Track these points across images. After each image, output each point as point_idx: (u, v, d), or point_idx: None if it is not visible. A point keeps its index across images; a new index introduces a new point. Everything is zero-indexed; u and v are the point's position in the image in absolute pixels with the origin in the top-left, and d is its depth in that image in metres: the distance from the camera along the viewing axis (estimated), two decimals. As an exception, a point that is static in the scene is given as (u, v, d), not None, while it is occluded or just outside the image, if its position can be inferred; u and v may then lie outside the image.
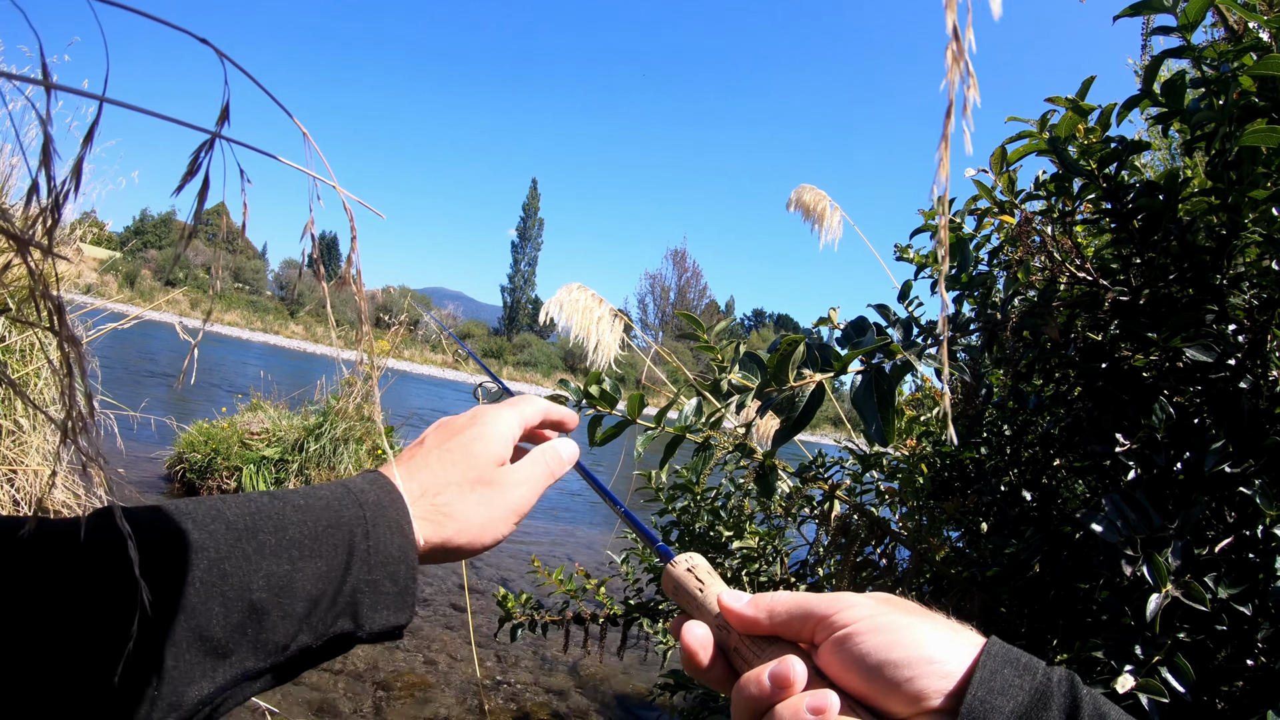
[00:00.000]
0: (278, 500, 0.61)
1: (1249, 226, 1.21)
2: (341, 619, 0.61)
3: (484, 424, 0.77)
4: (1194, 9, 1.15)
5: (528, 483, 0.76)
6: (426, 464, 0.73)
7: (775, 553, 2.59)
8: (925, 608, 0.55)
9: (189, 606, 0.52)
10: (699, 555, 0.68)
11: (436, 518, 0.69)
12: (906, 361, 1.12)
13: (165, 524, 0.54)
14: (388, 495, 0.67)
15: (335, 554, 0.61)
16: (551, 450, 0.81)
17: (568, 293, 3.83)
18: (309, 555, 0.59)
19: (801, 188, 4.15)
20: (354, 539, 0.62)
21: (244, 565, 0.55)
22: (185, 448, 7.22)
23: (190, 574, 0.52)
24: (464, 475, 0.72)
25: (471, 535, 0.71)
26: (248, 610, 0.54)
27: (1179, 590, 0.97)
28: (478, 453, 0.74)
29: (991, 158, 1.44)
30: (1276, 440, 1.11)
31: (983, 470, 1.95)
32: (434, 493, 0.70)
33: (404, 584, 0.64)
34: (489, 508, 0.72)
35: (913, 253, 1.91)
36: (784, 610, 0.57)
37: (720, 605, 0.61)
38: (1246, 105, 1.15)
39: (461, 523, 0.70)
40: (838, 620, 0.53)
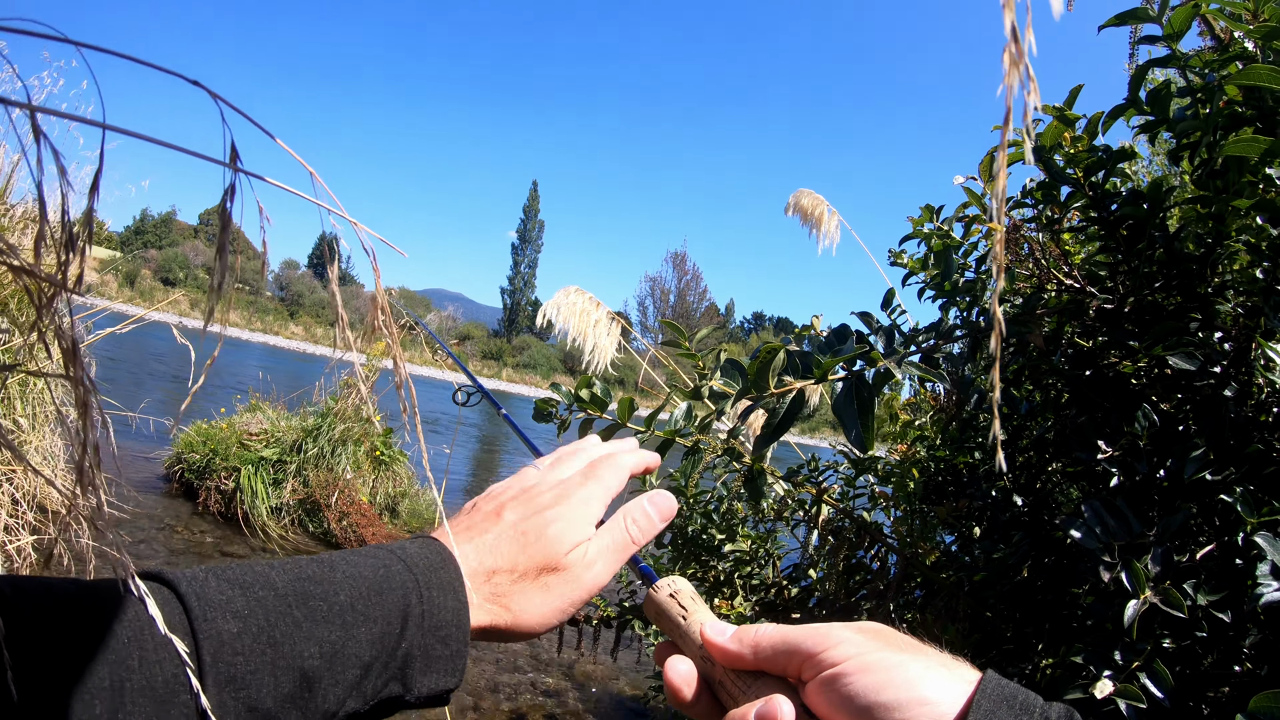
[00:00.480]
0: (325, 565, 0.59)
1: (1233, 235, 1.22)
2: (392, 683, 0.58)
3: (570, 504, 0.70)
4: (1179, 18, 1.17)
5: (602, 558, 0.70)
6: (499, 543, 0.67)
7: (768, 556, 2.59)
8: (916, 640, 0.53)
9: (238, 678, 0.50)
10: (682, 579, 0.66)
11: (494, 604, 0.65)
12: (887, 370, 1.13)
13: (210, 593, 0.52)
14: (439, 558, 0.64)
15: (390, 618, 0.58)
16: (640, 512, 0.73)
17: (565, 295, 3.84)
18: (363, 620, 0.57)
19: (800, 192, 4.16)
20: (408, 602, 0.60)
21: (295, 633, 0.53)
22: (184, 448, 7.23)
23: (239, 643, 0.50)
24: (534, 562, 0.67)
25: (527, 626, 0.66)
26: (299, 679, 0.53)
27: (1157, 597, 0.97)
28: (553, 537, 0.68)
29: (980, 165, 1.45)
30: (1259, 448, 1.12)
31: (976, 475, 1.96)
32: (499, 577, 0.66)
33: (456, 647, 0.61)
34: (553, 597, 0.67)
35: (906, 258, 1.92)
36: (769, 645, 0.55)
37: (703, 639, 0.60)
38: (1231, 114, 1.16)
39: (519, 614, 0.66)
40: (825, 658, 0.51)
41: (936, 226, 1.64)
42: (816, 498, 2.17)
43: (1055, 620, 1.40)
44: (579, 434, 1.58)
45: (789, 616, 2.35)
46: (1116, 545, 1.05)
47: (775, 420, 1.11)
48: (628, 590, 3.04)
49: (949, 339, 1.31)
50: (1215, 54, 1.20)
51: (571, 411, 1.60)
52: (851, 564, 2.22)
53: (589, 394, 1.57)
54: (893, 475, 2.26)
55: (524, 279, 71.45)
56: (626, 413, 1.56)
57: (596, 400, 1.57)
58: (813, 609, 2.31)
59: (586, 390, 1.57)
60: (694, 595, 0.65)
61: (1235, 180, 1.16)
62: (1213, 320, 1.26)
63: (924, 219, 1.66)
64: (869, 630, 0.53)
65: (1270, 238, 1.18)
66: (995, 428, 0.44)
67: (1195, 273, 1.26)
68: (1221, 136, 1.16)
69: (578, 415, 1.60)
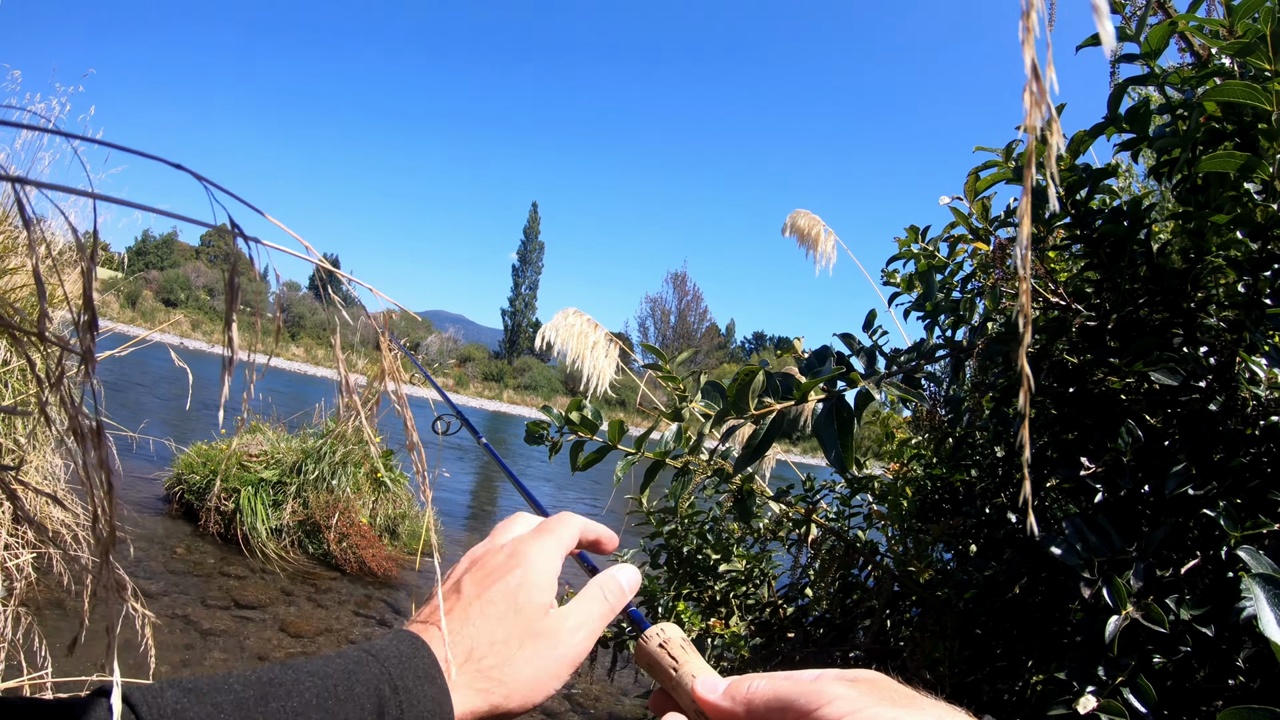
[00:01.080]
0: (289, 668, 0.57)
1: (1214, 250, 1.23)
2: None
3: (526, 564, 0.69)
4: (1156, 37, 1.18)
5: (584, 626, 0.68)
6: (468, 619, 0.65)
7: (762, 575, 2.59)
8: (914, 690, 0.51)
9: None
10: (672, 626, 0.65)
11: (485, 684, 0.63)
12: (866, 391, 1.14)
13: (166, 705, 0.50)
14: (410, 647, 0.61)
15: (363, 713, 0.56)
16: (611, 582, 0.72)
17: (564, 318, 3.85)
18: (330, 718, 0.55)
19: (796, 213, 4.19)
20: (382, 695, 0.57)
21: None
22: (184, 469, 7.22)
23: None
24: (511, 631, 0.65)
25: (523, 697, 0.64)
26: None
27: (1139, 612, 0.98)
28: (524, 602, 0.66)
29: (965, 185, 1.47)
30: (1241, 462, 1.13)
31: (971, 492, 1.96)
32: (480, 655, 0.63)
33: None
34: (542, 663, 0.65)
35: (898, 276, 1.93)
36: (761, 702, 0.54)
37: (694, 695, 0.59)
38: (1210, 130, 1.17)
39: (512, 686, 0.64)
40: (821, 716, 0.49)
41: (922, 247, 1.65)
42: (805, 517, 2.18)
43: (1045, 637, 1.40)
44: (570, 455, 1.59)
45: (784, 635, 2.35)
46: (1097, 561, 1.06)
47: (755, 441, 1.12)
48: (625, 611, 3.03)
49: (931, 359, 1.32)
50: (1193, 70, 1.22)
51: (563, 433, 1.61)
52: (848, 582, 2.22)
53: (579, 416, 1.58)
54: (889, 494, 2.26)
55: (525, 300, 71.49)
56: (617, 435, 1.57)
57: (587, 423, 1.58)
58: (809, 628, 2.30)
59: (577, 413, 1.58)
60: (684, 643, 0.64)
61: (1216, 195, 1.18)
62: (1196, 335, 1.27)
63: (910, 240, 1.67)
64: (864, 682, 0.51)
65: (1250, 252, 1.19)
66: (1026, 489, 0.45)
67: (1178, 288, 1.27)
68: (1201, 152, 1.17)
69: (569, 437, 1.61)
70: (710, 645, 2.56)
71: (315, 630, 5.04)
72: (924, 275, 1.59)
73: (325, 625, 5.18)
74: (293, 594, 5.71)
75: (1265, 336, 1.16)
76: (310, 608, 5.45)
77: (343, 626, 5.22)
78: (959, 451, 1.92)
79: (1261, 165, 1.07)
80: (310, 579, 6.20)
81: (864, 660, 1.96)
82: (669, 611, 2.76)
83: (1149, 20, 1.24)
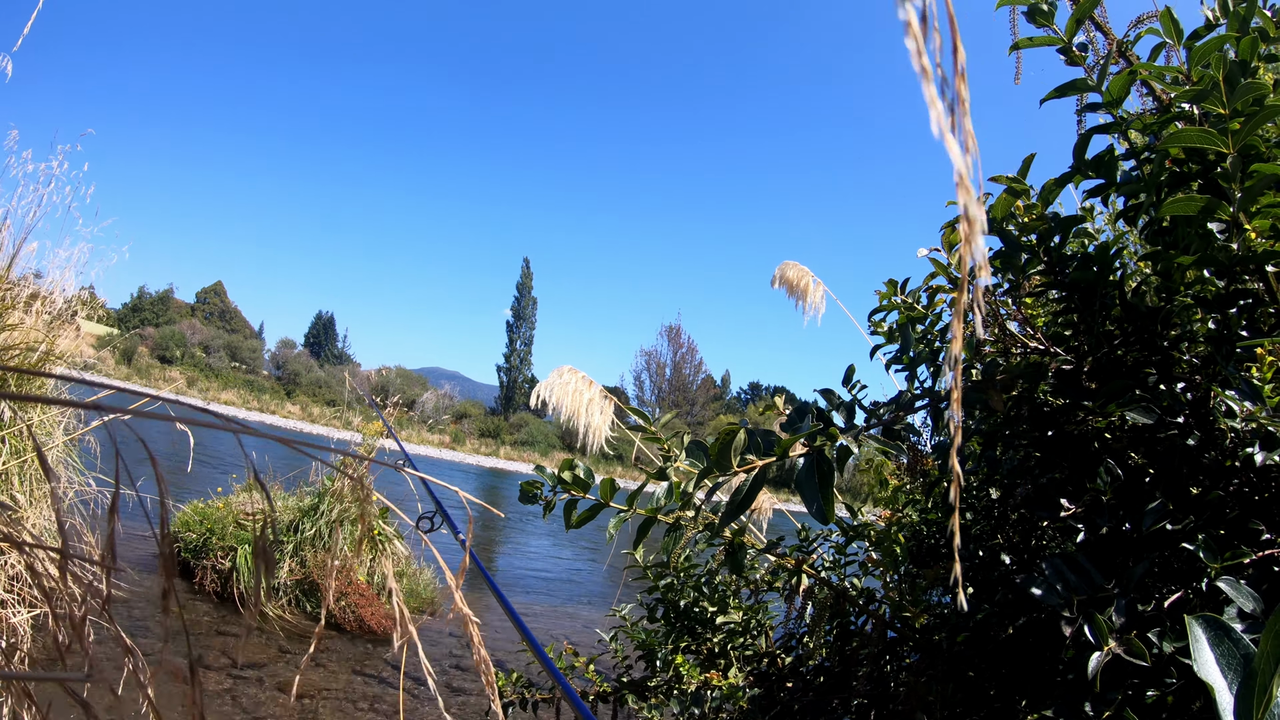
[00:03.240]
0: None
1: (1182, 290, 1.28)
2: None
3: None
4: (1117, 86, 1.24)
5: None
6: None
7: (759, 627, 2.60)
8: None
9: None
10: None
11: None
12: (845, 446, 1.18)
13: None
14: None
15: None
16: None
17: (559, 376, 3.90)
18: None
19: (785, 265, 4.25)
20: None
21: None
22: (180, 527, 7.19)
23: None
24: None
25: None
26: None
27: (1121, 647, 1.00)
28: None
29: (942, 237, 1.52)
30: (1219, 495, 1.16)
31: (967, 536, 1.98)
32: None
33: None
34: None
35: (884, 326, 1.97)
36: None
37: None
38: (1173, 173, 1.22)
39: None
40: None
41: (902, 299, 1.70)
42: (796, 568, 2.20)
43: (1038, 677, 1.41)
44: (564, 513, 1.62)
45: (783, 685, 2.35)
46: (1076, 599, 1.08)
47: (739, 497, 1.15)
48: (623, 665, 3.03)
49: (910, 410, 1.35)
50: (1155, 116, 1.28)
51: (556, 493, 1.64)
52: (845, 630, 2.23)
53: (571, 476, 1.61)
54: (883, 541, 2.28)
55: (520, 356, 71.59)
56: (609, 493, 1.60)
57: (579, 481, 1.62)
58: (807, 677, 2.31)
59: (569, 472, 1.62)
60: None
61: (1183, 235, 1.22)
62: (1171, 373, 1.31)
63: (889, 292, 1.72)
64: None
65: (1218, 290, 1.24)
66: (956, 569, 0.48)
67: (1151, 327, 1.31)
68: (1166, 195, 1.22)
69: (562, 496, 1.64)
70: (709, 698, 2.56)
71: (315, 690, 4.99)
72: (903, 328, 1.64)
73: (325, 684, 5.13)
74: (291, 653, 5.65)
75: (1237, 371, 1.20)
76: (308, 667, 5.40)
77: (342, 686, 5.17)
78: (947, 497, 1.94)
79: (1222, 206, 1.12)
80: (308, 638, 6.14)
81: (863, 707, 1.96)
82: (667, 664, 2.76)
83: (1110, 69, 1.30)
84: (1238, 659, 0.64)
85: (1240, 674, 0.63)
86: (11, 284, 4.93)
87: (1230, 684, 0.63)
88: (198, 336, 62.47)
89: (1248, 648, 0.64)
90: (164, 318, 65.84)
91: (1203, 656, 0.65)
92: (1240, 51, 1.13)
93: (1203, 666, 0.64)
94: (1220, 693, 0.63)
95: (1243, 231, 1.14)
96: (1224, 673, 0.63)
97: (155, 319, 64.51)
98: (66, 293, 5.36)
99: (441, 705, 1.35)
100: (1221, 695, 0.62)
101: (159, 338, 58.85)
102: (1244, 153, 1.09)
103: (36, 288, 5.16)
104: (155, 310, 66.33)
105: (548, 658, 0.78)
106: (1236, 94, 1.08)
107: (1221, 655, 0.64)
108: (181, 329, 62.28)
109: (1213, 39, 1.17)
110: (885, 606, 2.14)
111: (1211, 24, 1.26)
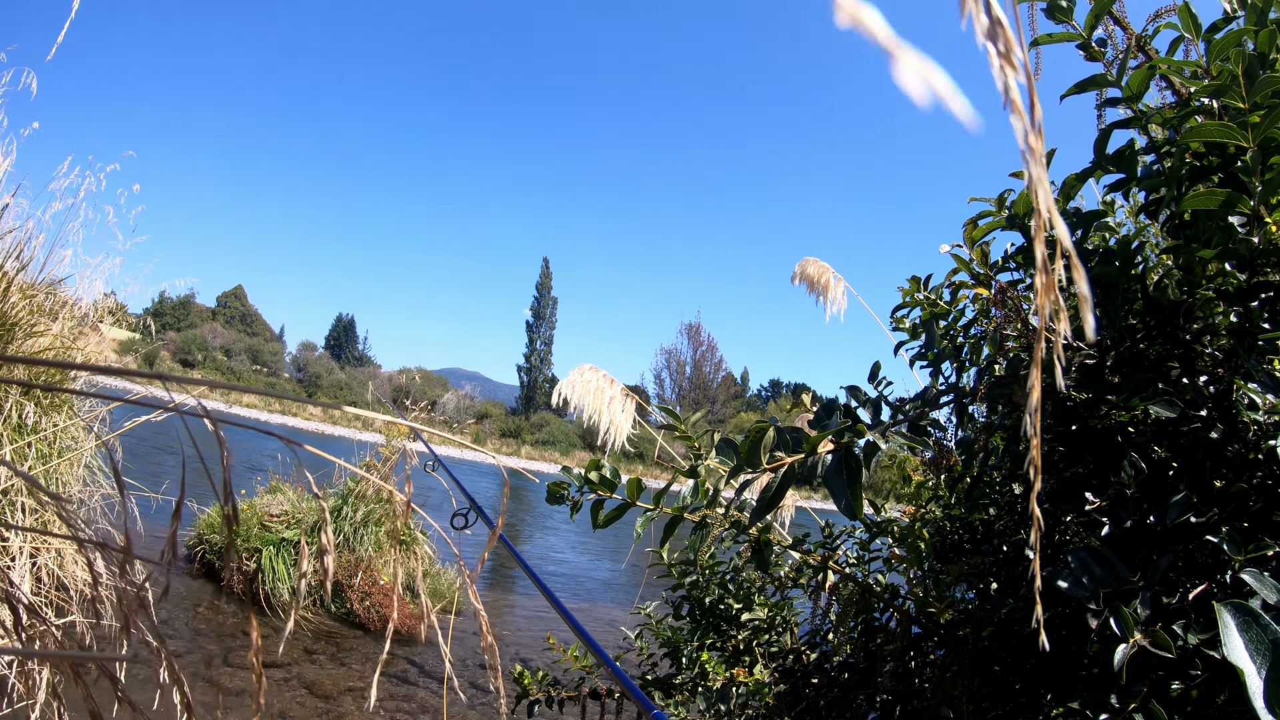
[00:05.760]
0: None
1: (1204, 283, 1.28)
2: None
3: None
4: (1137, 81, 1.25)
5: None
6: None
7: (785, 623, 2.61)
8: None
9: None
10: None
11: None
12: (873, 441, 1.19)
13: None
14: None
15: None
16: None
17: (579, 374, 3.91)
18: None
19: (805, 261, 4.24)
20: None
21: None
22: (205, 529, 7.28)
23: None
24: None
25: None
26: None
27: (1146, 639, 1.01)
28: None
29: (964, 233, 1.52)
30: (1243, 487, 1.16)
31: (990, 531, 1.99)
32: None
33: None
34: None
35: (907, 322, 1.98)
36: None
37: None
38: (1194, 167, 1.23)
39: None
40: None
41: (925, 295, 1.71)
42: (822, 564, 2.21)
43: (1064, 670, 1.42)
44: (591, 513, 1.64)
45: (809, 681, 2.36)
46: (1102, 592, 1.09)
47: (769, 494, 1.16)
48: (649, 662, 3.04)
49: (935, 406, 1.36)
50: (1175, 110, 1.28)
51: (583, 493, 1.66)
52: (870, 626, 2.24)
53: (598, 476, 1.63)
54: (907, 537, 2.28)
55: (540, 356, 71.76)
56: (635, 492, 1.62)
57: (606, 482, 1.63)
58: (832, 673, 2.31)
59: (596, 473, 1.63)
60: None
61: (1204, 229, 1.23)
62: (1194, 366, 1.31)
63: (912, 289, 1.73)
64: None
65: (1239, 283, 1.24)
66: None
67: (1173, 321, 1.31)
68: (1186, 189, 1.23)
69: (589, 496, 1.66)
70: (735, 694, 2.57)
71: (339, 690, 5.04)
72: (926, 324, 1.65)
73: (349, 684, 5.18)
74: (315, 653, 5.71)
75: (1259, 364, 1.20)
76: (334, 667, 5.45)
77: (367, 685, 5.22)
78: (975, 491, 1.95)
79: (1243, 200, 1.12)
80: (333, 638, 6.20)
81: (888, 703, 1.97)
82: (693, 662, 2.77)
83: (1129, 64, 1.30)
84: (1266, 644, 0.65)
85: (1269, 658, 0.64)
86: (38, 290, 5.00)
87: (1259, 668, 0.64)
88: (219, 340, 63.01)
89: (1276, 633, 0.65)
90: (185, 322, 66.40)
91: (1232, 641, 0.66)
92: (1259, 45, 1.14)
93: (1232, 651, 0.65)
94: (1250, 676, 0.64)
95: (1263, 225, 1.14)
96: (1253, 657, 0.64)
97: (177, 324, 65.06)
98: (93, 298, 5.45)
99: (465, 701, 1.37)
100: (1251, 679, 0.64)
101: (181, 342, 59.36)
102: (1264, 146, 1.09)
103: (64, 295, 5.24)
104: (177, 315, 66.88)
105: (598, 645, 0.79)
106: (1256, 88, 1.09)
107: (1250, 640, 0.65)
108: (203, 333, 62.80)
109: (1230, 33, 1.17)
110: (909, 602, 2.15)
111: (1230, 16, 1.26)
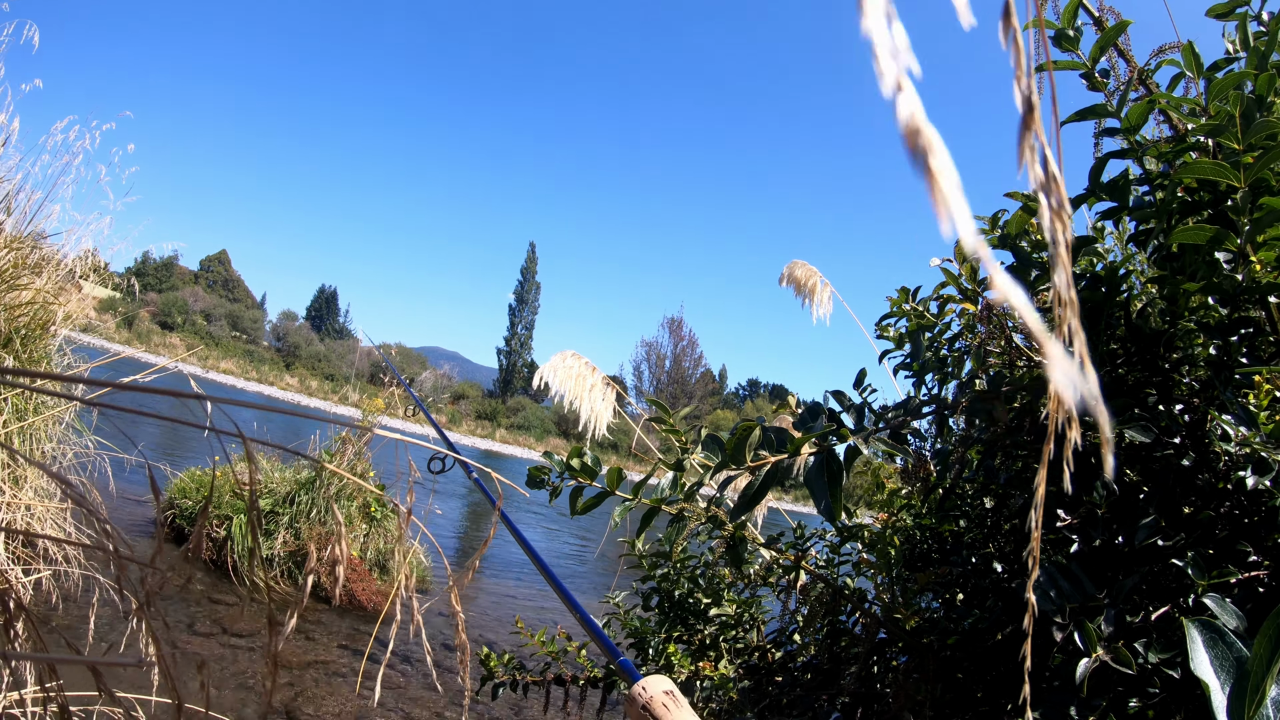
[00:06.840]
0: None
1: (1186, 315, 1.31)
2: None
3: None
4: (1135, 113, 1.27)
5: None
6: None
7: (752, 621, 2.64)
8: None
9: None
10: (661, 679, 0.67)
11: None
12: (855, 446, 1.21)
13: None
14: None
15: None
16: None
17: (562, 360, 3.92)
18: None
19: (793, 264, 4.27)
20: None
21: None
22: (177, 494, 7.23)
23: None
24: None
25: None
26: None
27: (1108, 655, 1.04)
28: None
29: (955, 248, 1.55)
30: (1210, 515, 1.20)
31: (959, 542, 2.02)
32: None
33: None
34: None
35: (892, 331, 2.01)
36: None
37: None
38: (1184, 201, 1.26)
39: None
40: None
41: (912, 306, 1.73)
42: (795, 564, 2.23)
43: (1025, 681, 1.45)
44: (570, 500, 1.66)
45: (772, 679, 2.39)
46: (1068, 607, 1.12)
47: (751, 490, 1.18)
48: (615, 650, 3.05)
49: (917, 415, 1.39)
50: (1170, 144, 1.31)
51: (563, 479, 1.68)
52: (836, 628, 2.27)
53: (580, 463, 1.65)
54: (877, 543, 2.32)
55: (520, 340, 71.50)
56: (615, 481, 1.64)
57: (587, 469, 1.65)
58: (796, 672, 2.35)
59: (578, 459, 1.65)
60: (671, 699, 0.67)
61: (1190, 262, 1.26)
62: (1171, 394, 1.34)
63: (901, 299, 1.75)
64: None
65: (1221, 317, 1.27)
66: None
67: (1154, 349, 1.35)
68: (1177, 222, 1.26)
69: (569, 483, 1.67)
70: (699, 687, 2.60)
71: (303, 663, 5.03)
72: (913, 335, 1.67)
73: (314, 658, 5.17)
74: (281, 624, 5.69)
75: (1235, 397, 1.23)
76: (299, 639, 5.44)
77: (331, 659, 5.21)
78: (947, 502, 1.98)
79: (1230, 237, 1.16)
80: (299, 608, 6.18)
81: (850, 705, 2.00)
82: (659, 653, 2.79)
83: (1130, 96, 1.33)
84: (1231, 660, 0.68)
85: (1233, 674, 0.67)
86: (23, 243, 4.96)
87: (1224, 684, 0.67)
88: (200, 304, 62.39)
89: (1240, 650, 0.68)
90: (167, 284, 65.64)
91: (1198, 657, 0.68)
92: (1258, 87, 1.17)
93: (1198, 666, 0.68)
94: (1214, 691, 0.66)
95: (1248, 262, 1.18)
96: (1217, 673, 0.67)
97: (159, 284, 64.29)
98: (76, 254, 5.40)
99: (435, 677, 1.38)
100: (1215, 694, 0.66)
101: (161, 304, 58.73)
102: (1255, 187, 1.13)
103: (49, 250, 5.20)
104: (159, 276, 66.10)
105: (594, 623, 0.80)
106: (1252, 130, 1.12)
107: (1216, 657, 0.68)
108: (184, 296, 62.13)
109: (1231, 74, 1.20)
110: (876, 607, 2.18)
111: (1231, 57, 1.29)
